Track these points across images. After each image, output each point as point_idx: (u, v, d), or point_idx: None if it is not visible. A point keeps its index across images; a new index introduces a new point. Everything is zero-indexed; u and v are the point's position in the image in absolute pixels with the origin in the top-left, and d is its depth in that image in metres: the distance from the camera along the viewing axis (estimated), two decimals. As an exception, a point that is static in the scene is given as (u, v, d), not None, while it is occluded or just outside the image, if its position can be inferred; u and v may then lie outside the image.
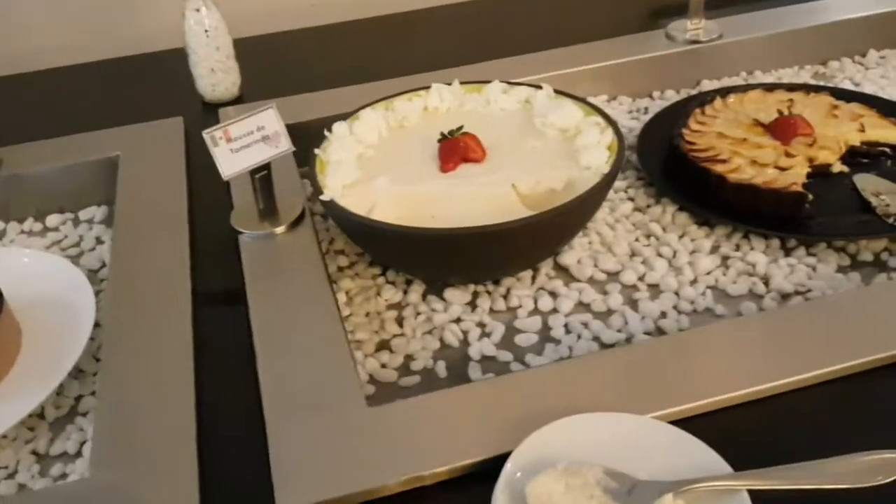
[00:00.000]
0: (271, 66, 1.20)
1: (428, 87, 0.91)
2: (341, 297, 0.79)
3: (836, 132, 0.91)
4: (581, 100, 0.86)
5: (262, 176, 0.79)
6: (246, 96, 1.12)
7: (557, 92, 0.88)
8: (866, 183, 0.86)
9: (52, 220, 0.96)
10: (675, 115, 0.97)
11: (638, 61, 1.11)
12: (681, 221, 0.86)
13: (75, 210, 0.97)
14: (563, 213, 0.71)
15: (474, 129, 0.83)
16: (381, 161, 0.83)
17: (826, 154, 0.89)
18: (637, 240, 0.84)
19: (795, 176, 0.84)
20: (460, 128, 0.82)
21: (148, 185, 0.89)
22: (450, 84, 0.91)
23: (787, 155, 0.88)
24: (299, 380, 0.64)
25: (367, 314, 0.78)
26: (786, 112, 0.92)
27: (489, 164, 0.81)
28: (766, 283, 0.77)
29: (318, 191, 0.76)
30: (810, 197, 0.81)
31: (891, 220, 0.79)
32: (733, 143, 0.91)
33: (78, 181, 0.96)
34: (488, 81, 0.91)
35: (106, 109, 1.09)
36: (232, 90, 1.09)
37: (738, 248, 0.82)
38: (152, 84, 1.17)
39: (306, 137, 0.83)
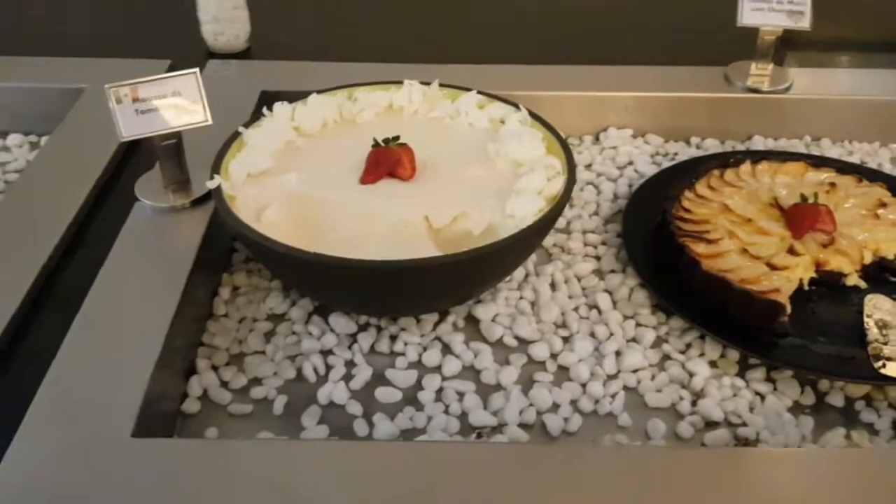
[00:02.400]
0: (298, 23, 1.13)
1: (400, 83, 0.81)
2: (224, 293, 0.72)
3: (868, 237, 0.74)
4: (554, 132, 0.73)
5: (168, 144, 0.72)
6: (255, 51, 1.05)
7: (534, 117, 0.75)
8: (877, 308, 0.69)
9: (14, 139, 0.93)
10: (692, 170, 0.83)
11: (680, 99, 0.95)
12: (637, 300, 0.72)
13: (41, 135, 0.94)
14: (452, 264, 0.60)
15: (426, 141, 0.73)
16: (305, 155, 0.74)
17: (841, 261, 0.72)
18: (576, 309, 0.72)
19: (785, 280, 0.68)
20: (396, 137, 0.71)
21: (91, 127, 0.85)
22: (429, 84, 0.80)
23: (792, 252, 0.72)
24: (79, 387, 0.57)
25: (242, 319, 0.70)
26: (811, 199, 0.75)
27: (415, 186, 0.70)
28: (695, 403, 0.63)
29: (212, 173, 0.68)
30: (788, 310, 0.65)
31: (878, 364, 0.63)
32: (735, 222, 0.75)
33: (44, 106, 0.93)
34: (469, 89, 0.80)
35: (104, 38, 1.06)
36: (235, 43, 1.03)
37: (686, 349, 0.68)
38: (161, 22, 1.13)
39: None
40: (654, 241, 0.76)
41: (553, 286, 0.74)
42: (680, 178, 0.81)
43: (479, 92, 0.79)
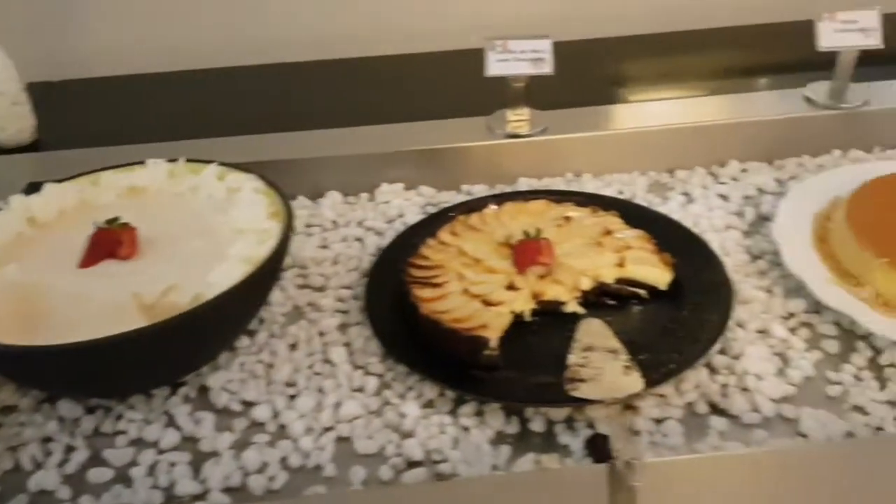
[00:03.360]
0: (88, 111, 1.15)
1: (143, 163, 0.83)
2: (-42, 390, 0.72)
3: (588, 264, 0.78)
4: (282, 195, 0.76)
5: None
6: (45, 143, 1.07)
7: (269, 184, 0.78)
8: (586, 332, 0.72)
9: None
10: (443, 219, 0.86)
11: (449, 149, 0.99)
12: (371, 349, 0.74)
13: None
14: (139, 336, 0.62)
15: (159, 217, 0.75)
16: (34, 245, 0.75)
17: (558, 290, 0.75)
18: (311, 366, 0.73)
19: (495, 316, 0.71)
20: (116, 219, 0.73)
21: None
22: (175, 161, 0.83)
23: (511, 287, 0.75)
24: None
25: (-29, 413, 0.70)
26: (536, 234, 0.79)
27: (135, 264, 0.72)
28: (401, 444, 0.65)
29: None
30: (493, 343, 0.68)
31: (570, 388, 0.65)
32: (467, 264, 0.78)
33: None
34: (211, 162, 0.82)
35: None
36: (19, 137, 1.05)
37: (406, 392, 0.70)
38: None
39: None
40: (393, 290, 0.79)
41: (294, 346, 0.76)
42: (432, 227, 0.85)
43: (221, 163, 0.82)
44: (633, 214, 0.85)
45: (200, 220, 0.77)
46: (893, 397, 0.66)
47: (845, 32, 0.97)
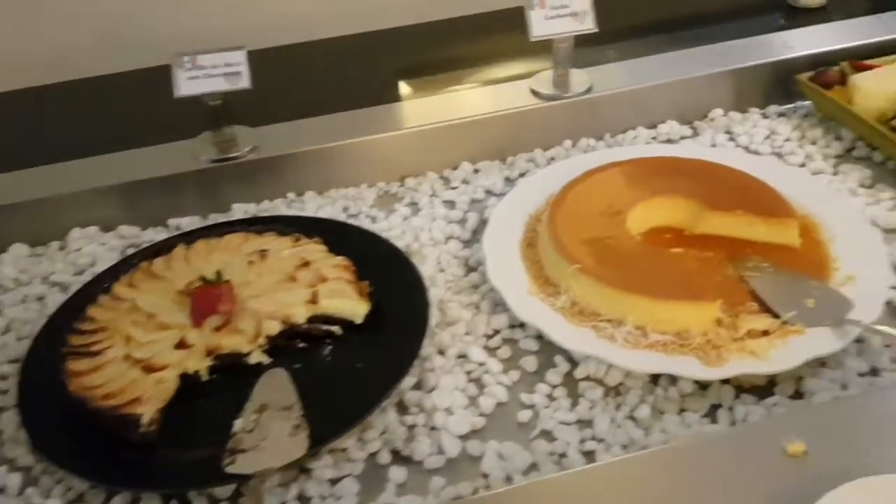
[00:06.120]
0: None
1: None
2: None
3: (277, 305, 0.70)
4: None
5: None
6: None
7: None
8: (265, 388, 0.64)
9: None
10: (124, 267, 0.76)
11: (150, 180, 0.89)
12: (22, 437, 0.64)
13: None
14: None
15: None
16: None
17: (237, 341, 0.67)
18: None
19: (154, 384, 0.63)
20: None
21: None
22: None
23: (182, 344, 0.67)
24: None
25: None
26: (213, 277, 0.70)
27: None
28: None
29: None
30: (144, 420, 0.60)
31: (227, 462, 0.57)
32: (137, 322, 0.69)
33: None
34: None
35: None
36: None
37: (52, 487, 0.60)
38: None
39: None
40: (52, 364, 0.68)
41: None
42: (113, 278, 0.75)
43: None
44: (343, 237, 0.79)
45: None
46: (583, 415, 0.62)
47: (557, 19, 0.94)
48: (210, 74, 0.87)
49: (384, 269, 0.75)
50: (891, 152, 0.86)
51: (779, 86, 1.00)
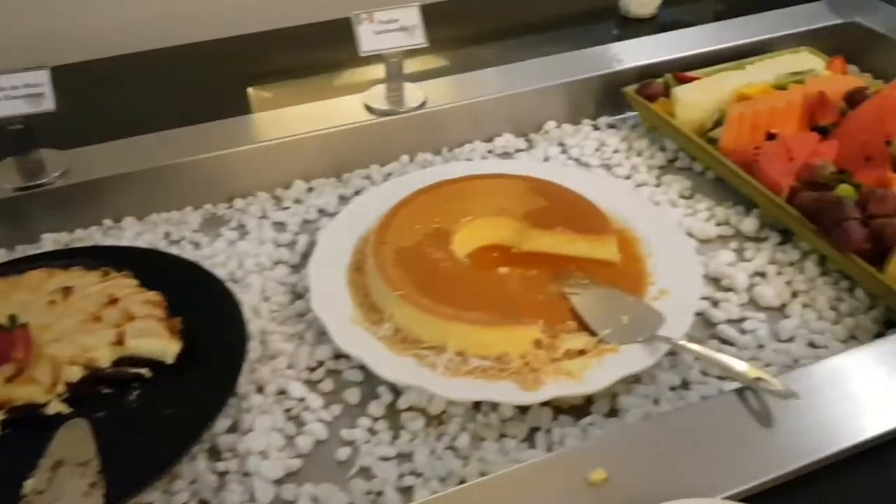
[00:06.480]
0: None
1: None
2: None
3: (79, 349, 0.65)
4: None
5: None
6: None
7: None
8: (63, 442, 0.59)
9: None
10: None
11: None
12: None
13: None
14: None
15: None
16: None
17: (32, 391, 0.62)
18: None
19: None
20: None
21: None
22: None
23: (-35, 400, 0.61)
24: None
25: None
26: (5, 321, 0.65)
27: None
28: None
29: None
30: None
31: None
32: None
33: None
34: None
35: None
36: None
37: None
38: None
39: None
40: None
41: None
42: None
43: None
44: (158, 268, 0.74)
45: None
46: (403, 448, 0.61)
47: (386, 34, 0.93)
48: (10, 96, 0.81)
49: (203, 301, 0.71)
50: (708, 163, 0.90)
51: (609, 97, 1.02)
